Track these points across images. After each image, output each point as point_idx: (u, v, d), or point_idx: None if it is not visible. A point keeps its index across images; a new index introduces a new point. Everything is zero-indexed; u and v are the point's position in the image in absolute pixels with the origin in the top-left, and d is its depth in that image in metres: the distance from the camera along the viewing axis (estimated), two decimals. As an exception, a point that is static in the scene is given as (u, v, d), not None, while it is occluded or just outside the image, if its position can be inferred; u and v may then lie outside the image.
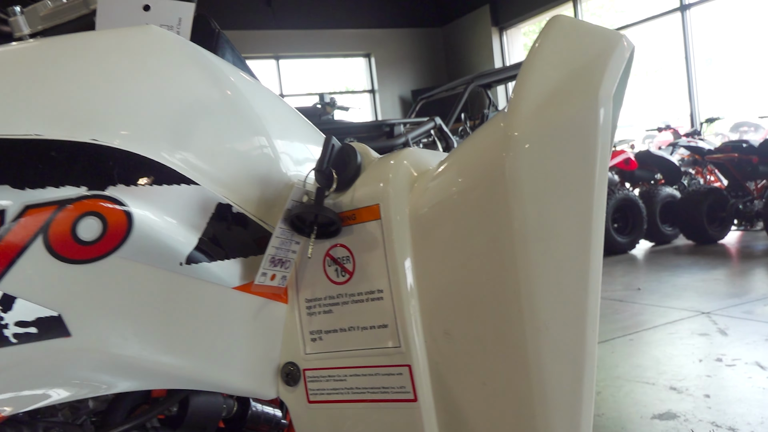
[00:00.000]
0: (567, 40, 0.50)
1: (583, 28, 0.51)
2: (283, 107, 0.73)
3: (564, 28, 0.50)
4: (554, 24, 0.51)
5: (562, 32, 0.50)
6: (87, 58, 0.57)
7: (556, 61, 0.49)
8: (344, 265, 0.59)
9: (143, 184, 0.53)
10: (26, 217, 0.48)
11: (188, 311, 0.56)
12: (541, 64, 0.49)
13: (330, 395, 0.60)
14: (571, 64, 0.48)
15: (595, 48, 0.49)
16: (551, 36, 0.50)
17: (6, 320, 0.47)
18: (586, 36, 0.50)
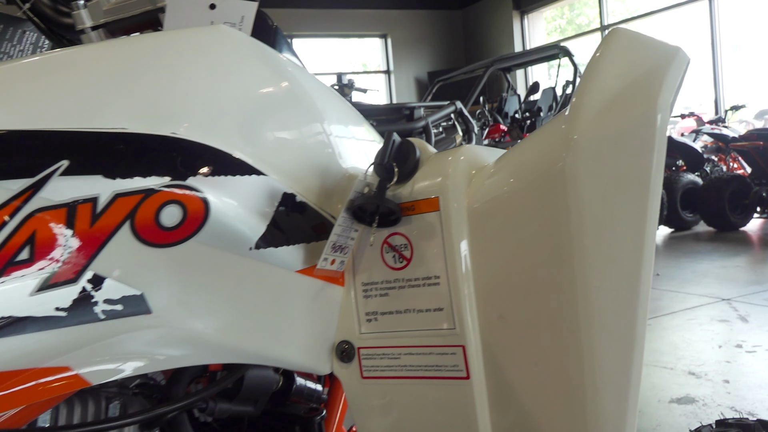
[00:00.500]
0: (627, 52, 0.53)
1: (642, 41, 0.54)
2: (337, 100, 0.76)
3: (624, 40, 0.54)
4: (615, 36, 0.54)
5: (622, 44, 0.53)
6: (165, 57, 0.60)
7: (617, 70, 0.52)
8: (402, 252, 0.63)
9: (218, 175, 0.57)
10: (116, 204, 0.52)
11: (255, 292, 0.60)
12: (602, 73, 0.52)
13: (383, 372, 0.64)
14: (632, 74, 0.52)
15: (654, 59, 0.53)
16: (612, 47, 0.53)
17: (96, 298, 0.51)
18: (645, 48, 0.53)
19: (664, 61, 0.53)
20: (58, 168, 0.50)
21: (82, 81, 0.56)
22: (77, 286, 0.50)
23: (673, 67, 0.53)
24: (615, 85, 0.52)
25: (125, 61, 0.59)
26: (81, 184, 0.51)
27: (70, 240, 0.50)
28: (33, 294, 0.48)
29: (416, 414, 0.63)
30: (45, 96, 0.54)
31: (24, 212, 0.48)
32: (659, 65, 0.53)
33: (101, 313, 0.52)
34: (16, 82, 0.53)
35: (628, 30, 0.56)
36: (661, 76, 0.52)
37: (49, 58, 0.57)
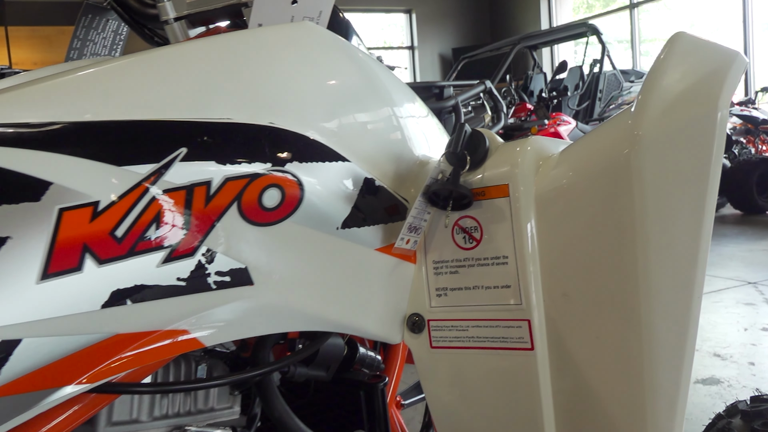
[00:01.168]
0: (689, 55, 0.58)
1: (703, 45, 0.59)
2: (405, 89, 0.82)
3: (686, 44, 0.59)
4: (678, 40, 0.59)
5: (685, 47, 0.58)
6: (261, 53, 0.66)
7: (680, 71, 0.57)
8: (472, 233, 0.69)
9: (311, 161, 0.63)
10: (226, 187, 0.58)
11: (341, 268, 0.67)
12: (666, 74, 0.57)
13: (452, 342, 0.70)
14: (694, 75, 0.57)
15: (715, 62, 0.58)
16: (675, 50, 0.58)
17: (209, 270, 0.58)
18: (706, 51, 0.58)
19: (725, 63, 0.58)
20: (179, 154, 0.57)
21: (192, 75, 0.62)
22: (194, 260, 0.57)
23: (733, 69, 0.58)
24: (678, 85, 0.57)
25: (227, 57, 0.64)
26: (197, 168, 0.57)
27: (189, 219, 0.56)
28: (159, 266, 0.55)
29: (481, 381, 0.69)
30: (162, 88, 0.60)
31: (151, 194, 0.55)
32: (720, 67, 0.58)
33: (213, 283, 0.58)
34: (137, 75, 0.60)
35: (690, 34, 0.60)
36: (722, 78, 0.57)
37: (162, 54, 0.63)
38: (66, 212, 0.50)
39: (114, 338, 0.53)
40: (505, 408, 0.68)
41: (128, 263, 0.53)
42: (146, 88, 0.59)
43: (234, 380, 0.66)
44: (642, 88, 0.59)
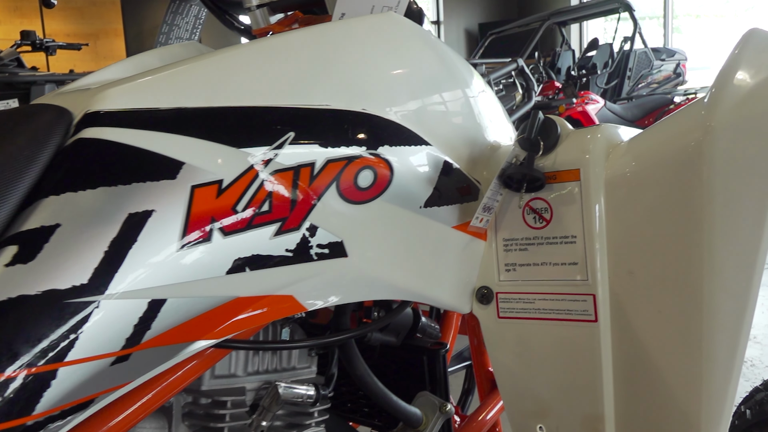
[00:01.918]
0: (763, 51, 0.63)
1: None
2: (476, 76, 0.87)
3: (760, 40, 0.63)
4: (752, 35, 0.64)
5: (759, 43, 0.63)
6: (352, 43, 0.72)
7: (754, 66, 0.62)
8: (542, 214, 0.74)
9: (399, 145, 0.70)
10: (327, 168, 0.65)
11: (421, 243, 0.73)
12: (739, 68, 0.62)
13: (518, 313, 0.77)
14: (767, 71, 0.62)
15: None
16: (749, 45, 0.63)
17: (311, 243, 0.64)
18: None
19: None
20: (288, 138, 0.63)
21: (294, 64, 0.68)
22: (300, 233, 0.63)
23: None
24: (751, 80, 0.62)
25: (323, 47, 0.70)
26: (303, 151, 0.64)
27: (295, 196, 0.63)
28: (271, 238, 0.62)
29: (545, 349, 0.76)
30: (269, 77, 0.66)
31: (265, 173, 0.61)
32: None
33: (314, 254, 0.65)
34: (248, 65, 0.66)
35: (764, 31, 0.65)
36: None
37: (267, 44, 0.69)
38: (197, 189, 0.57)
39: (235, 301, 0.60)
40: (567, 375, 0.75)
41: (247, 235, 0.60)
42: (256, 77, 0.65)
43: (332, 341, 0.74)
44: (715, 82, 0.64)
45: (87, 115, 0.57)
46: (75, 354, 0.48)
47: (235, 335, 0.61)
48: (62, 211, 0.51)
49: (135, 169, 0.55)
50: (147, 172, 0.55)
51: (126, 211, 0.53)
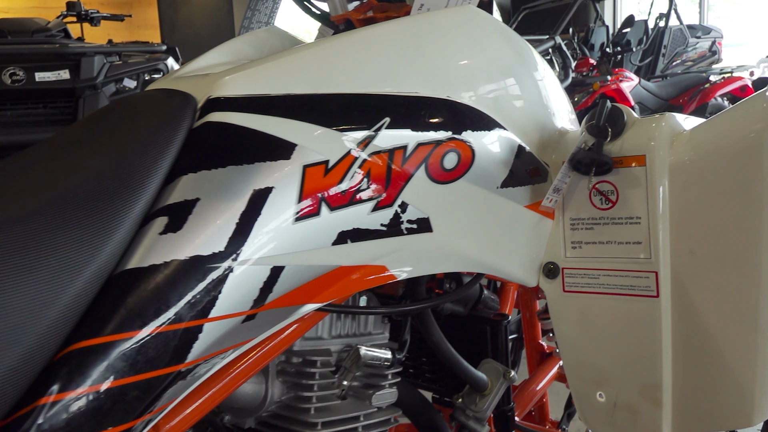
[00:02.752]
0: None
1: None
2: (545, 63, 0.92)
3: None
4: None
5: None
6: (437, 34, 0.77)
7: None
8: (608, 196, 0.80)
9: (479, 130, 0.75)
10: (417, 151, 0.71)
11: (497, 220, 0.79)
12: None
13: (583, 288, 0.83)
14: None
15: None
16: None
17: (402, 218, 0.71)
18: None
19: None
20: (384, 123, 0.69)
21: (386, 54, 0.74)
22: (393, 209, 0.70)
23: None
24: None
25: (412, 39, 0.76)
26: (397, 135, 0.70)
27: (390, 176, 0.69)
28: (369, 213, 0.68)
29: (608, 322, 0.82)
30: (365, 65, 0.72)
31: (365, 154, 0.68)
32: None
33: (404, 229, 0.71)
34: (347, 54, 0.72)
35: None
36: None
37: (361, 36, 0.74)
38: (308, 168, 0.64)
39: (338, 269, 0.67)
40: (628, 346, 0.81)
41: (349, 211, 0.67)
42: (354, 66, 0.71)
43: (421, 307, 0.81)
44: None
45: (210, 100, 0.64)
46: (216, 311, 0.56)
47: (335, 300, 0.68)
48: (200, 186, 0.58)
49: (256, 149, 0.62)
50: (266, 152, 0.62)
51: (251, 188, 0.60)
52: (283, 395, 0.81)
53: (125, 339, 0.50)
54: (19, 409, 0.46)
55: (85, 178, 0.54)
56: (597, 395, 0.85)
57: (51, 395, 0.46)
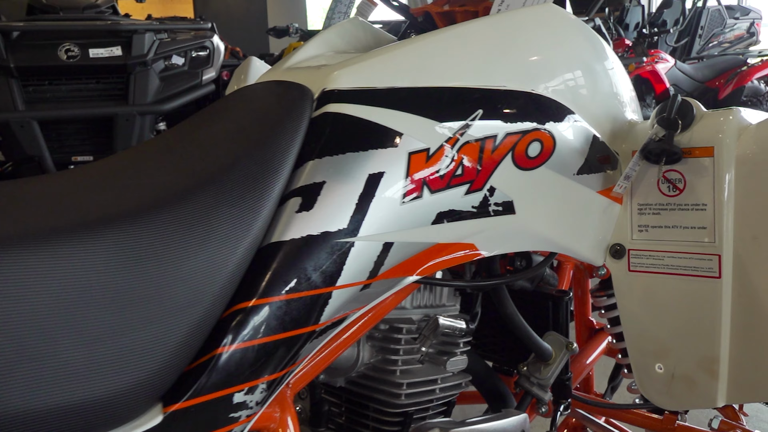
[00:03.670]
0: None
1: None
2: (614, 56, 0.98)
3: None
4: None
5: None
6: (522, 31, 0.84)
7: None
8: (676, 184, 0.87)
9: (559, 121, 0.82)
10: (506, 140, 0.78)
11: (572, 204, 0.86)
12: None
13: (648, 268, 0.90)
14: None
15: None
16: None
17: (490, 201, 0.78)
18: None
19: None
20: (478, 114, 0.76)
21: (477, 50, 0.80)
22: (482, 193, 0.77)
23: None
24: None
25: (500, 35, 0.83)
26: (488, 125, 0.77)
27: (481, 163, 0.77)
28: (463, 196, 0.76)
29: (670, 300, 0.89)
30: (460, 60, 0.79)
31: (460, 142, 0.75)
32: None
33: (492, 211, 0.79)
34: (442, 50, 0.79)
35: None
36: None
37: (452, 33, 0.81)
38: (413, 155, 0.71)
39: (435, 246, 0.75)
40: (688, 322, 0.88)
41: (446, 193, 0.74)
42: (450, 61, 0.78)
43: (505, 281, 0.89)
44: None
45: (325, 92, 0.71)
46: (342, 280, 0.64)
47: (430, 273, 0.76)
48: (326, 171, 0.66)
49: (369, 138, 0.69)
50: (377, 140, 0.70)
51: (367, 172, 0.68)
52: (372, 358, 0.90)
53: (275, 302, 0.58)
54: (199, 357, 0.54)
55: (229, 162, 0.62)
56: (656, 367, 0.92)
57: (224, 346, 0.55)
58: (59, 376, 0.44)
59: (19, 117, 2.98)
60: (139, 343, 0.48)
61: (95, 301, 0.46)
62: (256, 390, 0.57)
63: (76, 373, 0.45)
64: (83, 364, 0.45)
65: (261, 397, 0.58)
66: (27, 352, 0.43)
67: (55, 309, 0.45)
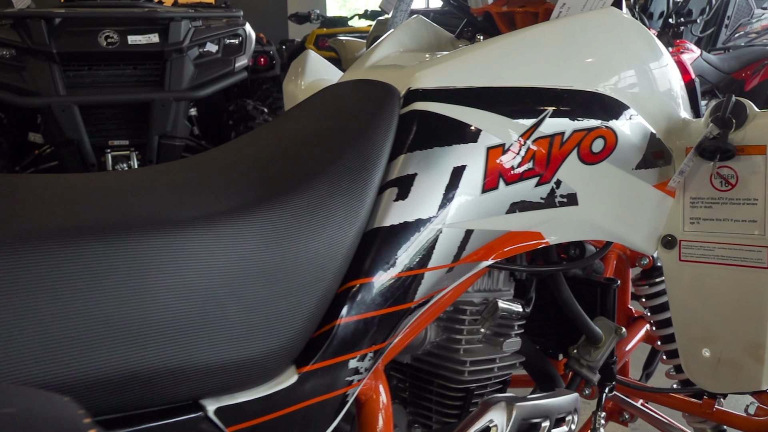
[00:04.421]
0: None
1: None
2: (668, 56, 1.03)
3: None
4: None
5: None
6: (587, 34, 0.89)
7: None
8: (728, 180, 0.92)
9: (620, 119, 0.88)
10: (572, 137, 0.84)
11: (630, 197, 0.92)
12: None
13: (698, 258, 0.95)
14: None
15: None
16: None
17: (557, 193, 0.84)
18: None
19: None
20: (548, 112, 0.82)
21: (547, 52, 0.86)
22: (550, 185, 0.83)
23: None
24: None
25: (566, 38, 0.88)
26: (557, 122, 0.83)
27: (550, 157, 0.82)
28: (533, 188, 0.82)
29: (719, 288, 0.94)
30: (531, 62, 0.84)
31: (531, 138, 0.81)
32: None
33: (557, 202, 0.85)
34: (515, 52, 0.84)
35: None
36: None
37: (522, 37, 0.86)
38: (490, 150, 0.77)
39: (507, 234, 0.81)
40: (736, 309, 0.94)
41: (519, 185, 0.80)
42: (522, 62, 0.84)
43: (567, 267, 0.95)
44: None
45: (410, 91, 0.77)
46: (432, 263, 0.71)
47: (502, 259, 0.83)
48: (416, 164, 0.72)
49: (453, 133, 0.76)
50: (460, 136, 0.76)
51: (452, 165, 0.74)
52: (437, 337, 0.96)
53: (379, 280, 0.65)
54: (321, 327, 0.61)
55: (335, 155, 0.68)
56: (703, 351, 0.98)
57: (341, 318, 0.62)
58: (228, 336, 0.52)
59: (61, 101, 3.06)
60: (282, 311, 0.55)
61: (250, 274, 0.53)
62: (365, 357, 0.64)
63: (239, 335, 0.52)
64: (244, 328, 0.52)
65: (369, 364, 0.64)
66: (206, 315, 0.50)
67: (222, 280, 0.52)
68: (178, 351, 0.49)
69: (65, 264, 0.45)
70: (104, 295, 0.46)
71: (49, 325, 0.44)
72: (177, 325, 0.49)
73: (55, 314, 0.44)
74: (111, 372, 0.46)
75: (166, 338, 0.48)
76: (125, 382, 0.47)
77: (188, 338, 0.49)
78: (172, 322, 0.49)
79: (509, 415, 0.86)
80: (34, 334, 0.43)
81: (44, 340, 0.44)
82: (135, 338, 0.47)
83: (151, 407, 0.49)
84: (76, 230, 0.47)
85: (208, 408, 0.52)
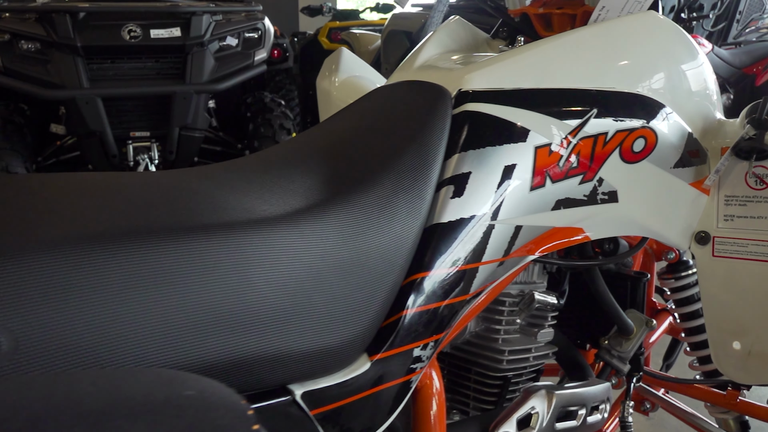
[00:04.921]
0: None
1: None
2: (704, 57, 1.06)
3: None
4: None
5: None
6: (627, 37, 0.92)
7: None
8: (763, 179, 0.95)
9: (660, 120, 0.91)
10: (615, 137, 0.87)
11: (667, 195, 0.95)
12: None
13: (731, 254, 0.99)
14: None
15: None
16: None
17: (599, 191, 0.88)
18: None
19: None
20: (593, 113, 0.85)
21: (590, 55, 0.89)
22: (593, 183, 0.87)
23: None
24: None
25: (608, 41, 0.91)
26: (601, 123, 0.86)
27: (593, 156, 0.86)
28: (577, 186, 0.85)
29: (751, 283, 0.98)
30: (576, 65, 0.88)
31: (576, 138, 0.84)
32: None
33: (599, 199, 0.88)
34: (558, 55, 0.87)
35: None
36: None
37: (566, 40, 0.90)
38: (538, 149, 0.81)
39: (552, 230, 0.84)
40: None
41: (564, 183, 0.84)
42: (566, 65, 0.87)
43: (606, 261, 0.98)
44: None
45: (461, 92, 0.81)
46: (486, 257, 0.74)
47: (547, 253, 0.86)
48: (470, 162, 0.76)
49: (503, 133, 0.79)
50: (510, 136, 0.79)
51: (503, 164, 0.78)
52: (476, 328, 1.00)
53: (440, 273, 0.69)
54: (388, 318, 0.65)
55: (395, 155, 0.72)
56: (733, 344, 1.01)
57: (407, 309, 0.65)
58: (314, 326, 0.56)
59: (84, 94, 3.11)
60: (357, 303, 0.59)
61: (330, 268, 0.57)
62: (427, 347, 0.68)
63: (323, 325, 0.56)
64: (327, 318, 0.56)
65: (430, 353, 0.68)
66: (296, 306, 0.54)
67: (308, 274, 0.56)
68: (275, 339, 0.53)
69: (180, 259, 0.49)
70: (214, 288, 0.51)
71: (171, 315, 0.48)
72: (274, 316, 0.53)
73: (175, 305, 0.48)
74: (221, 358, 0.50)
75: (265, 327, 0.52)
76: (232, 367, 0.51)
77: (283, 327, 0.53)
78: (270, 313, 0.53)
79: (550, 403, 0.90)
80: (158, 323, 0.47)
81: (166, 329, 0.48)
82: (241, 327, 0.51)
83: (248, 391, 0.54)
84: (188, 229, 0.51)
85: (296, 392, 0.57)
